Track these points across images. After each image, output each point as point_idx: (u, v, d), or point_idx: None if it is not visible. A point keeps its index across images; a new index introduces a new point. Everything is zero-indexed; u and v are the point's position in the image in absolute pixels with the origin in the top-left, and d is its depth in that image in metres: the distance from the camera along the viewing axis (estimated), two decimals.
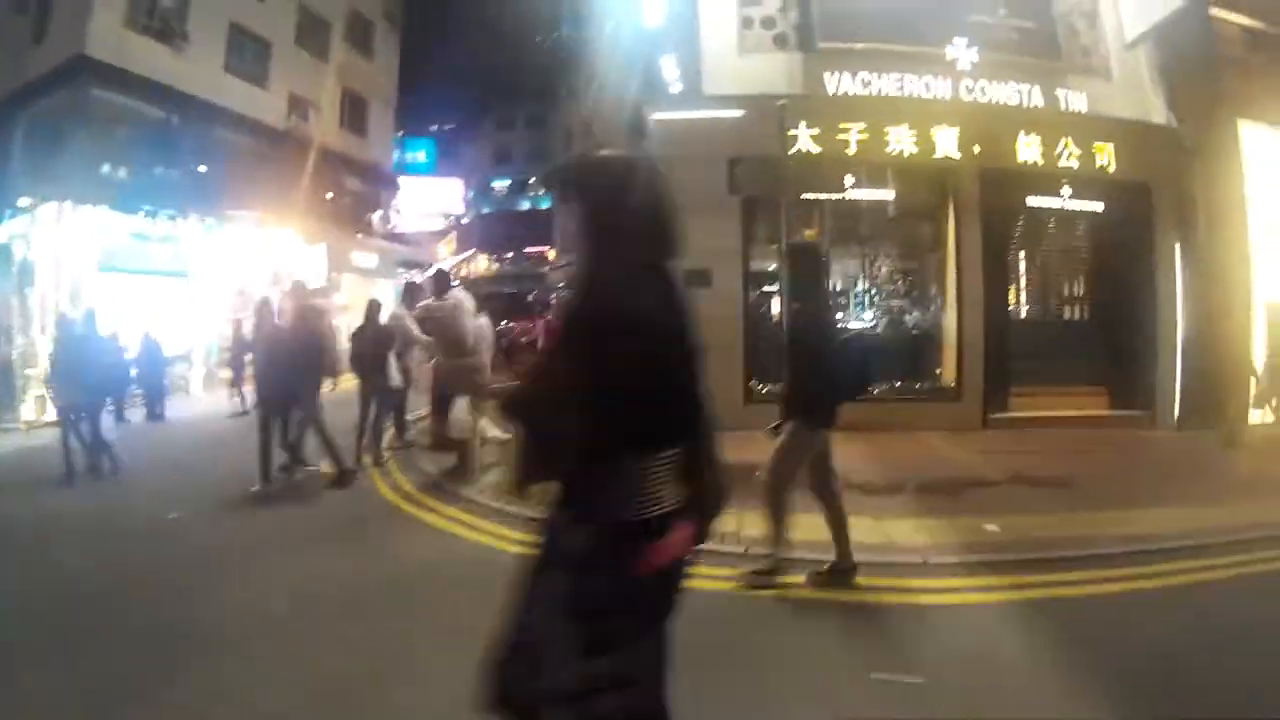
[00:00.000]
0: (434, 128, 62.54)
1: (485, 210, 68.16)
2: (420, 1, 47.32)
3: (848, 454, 9.52)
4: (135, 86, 22.81)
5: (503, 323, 18.83)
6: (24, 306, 18.09)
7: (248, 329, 14.17)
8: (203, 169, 25.03)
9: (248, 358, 14.54)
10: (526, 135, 67.02)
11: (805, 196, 12.16)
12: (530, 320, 17.70)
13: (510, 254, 57.72)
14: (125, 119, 23.03)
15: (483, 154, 69.17)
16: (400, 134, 50.32)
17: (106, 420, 10.19)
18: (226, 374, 19.16)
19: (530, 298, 20.63)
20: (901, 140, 12.39)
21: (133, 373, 16.67)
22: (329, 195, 32.19)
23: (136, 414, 16.29)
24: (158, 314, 20.04)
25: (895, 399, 12.47)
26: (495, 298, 22.29)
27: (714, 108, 12.09)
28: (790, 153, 10.56)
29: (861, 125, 12.24)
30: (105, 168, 21.88)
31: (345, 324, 12.87)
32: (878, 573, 5.92)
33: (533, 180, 65.19)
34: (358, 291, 27.46)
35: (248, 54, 27.87)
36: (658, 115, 12.34)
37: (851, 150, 12.00)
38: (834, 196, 12.73)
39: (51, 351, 10.86)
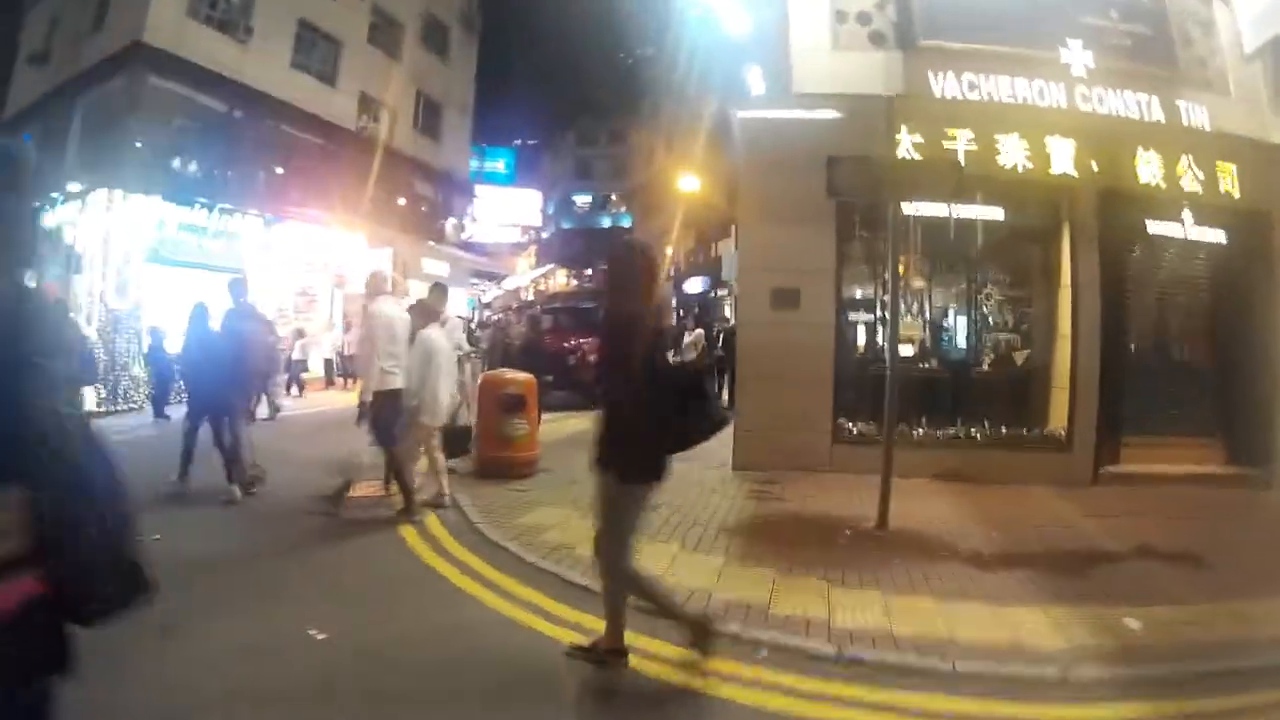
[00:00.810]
0: (517, 142, 62.39)
1: (566, 225, 68.36)
2: (502, 17, 47.48)
3: (948, 512, 8.37)
4: (195, 77, 22.35)
5: (572, 340, 17.70)
6: (68, 294, 17.59)
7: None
8: (266, 165, 24.80)
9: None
10: (609, 152, 66.92)
11: (906, 212, 10.89)
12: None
13: (590, 270, 57.28)
14: (183, 110, 22.58)
15: (564, 169, 69.37)
16: (480, 145, 50.61)
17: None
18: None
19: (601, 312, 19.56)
20: (1013, 152, 10.90)
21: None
22: (401, 201, 31.82)
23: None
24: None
25: (997, 446, 10.96)
26: (568, 313, 21.25)
27: (805, 108, 10.84)
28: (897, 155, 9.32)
29: (969, 133, 10.83)
30: (161, 158, 21.47)
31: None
32: (1016, 693, 4.48)
33: (614, 197, 65.44)
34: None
35: (317, 51, 27.48)
36: (744, 114, 11.12)
37: (959, 160, 10.59)
38: (936, 213, 11.37)
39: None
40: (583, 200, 69.47)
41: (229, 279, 9.54)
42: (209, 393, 8.78)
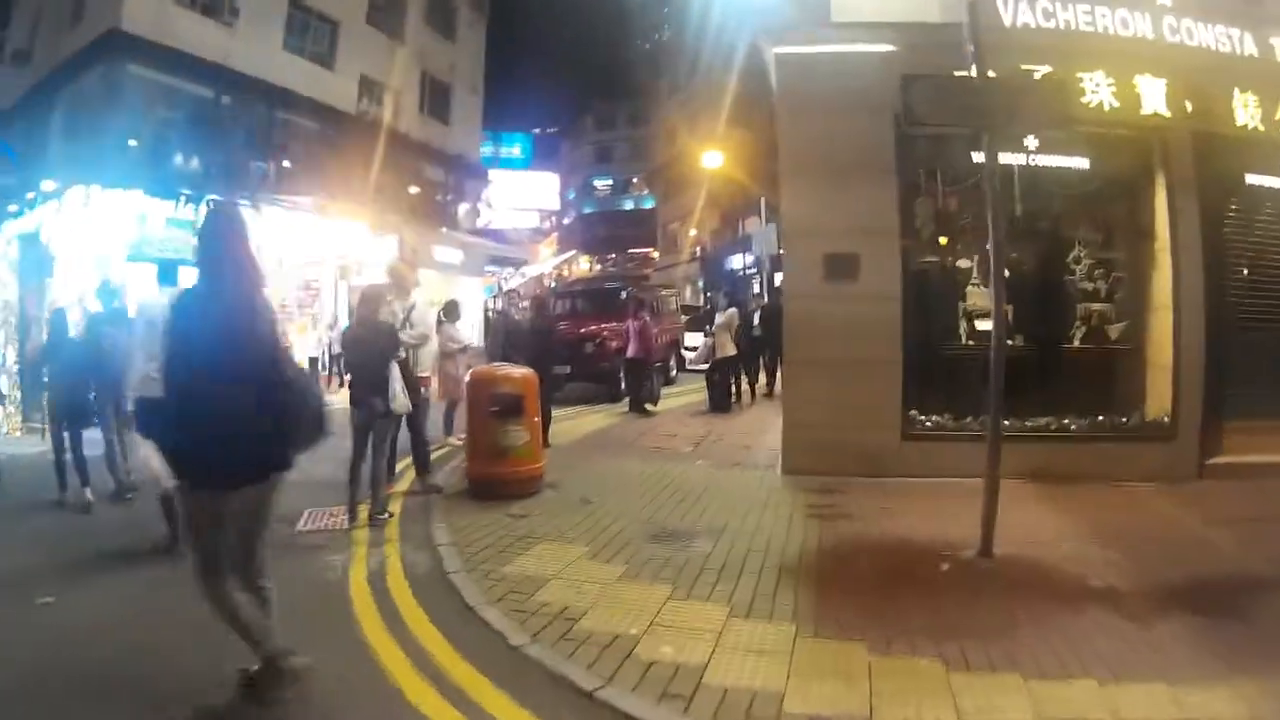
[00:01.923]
0: (536, 130, 62.32)
1: (587, 210, 67.62)
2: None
3: (1051, 525, 6.65)
4: (178, 64, 20.94)
5: (592, 325, 15.96)
6: (40, 299, 16.10)
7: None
8: (259, 153, 23.32)
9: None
10: (628, 134, 65.56)
11: (977, 159, 9.06)
12: (622, 320, 14.84)
13: (613, 255, 56.08)
14: (167, 99, 21.23)
15: (583, 154, 68.84)
16: (495, 131, 49.59)
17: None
18: None
19: (624, 295, 17.63)
20: (1098, 89, 8.98)
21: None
22: (413, 189, 30.53)
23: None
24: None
25: (1090, 437, 9.03)
26: (587, 296, 19.56)
27: (849, 41, 8.96)
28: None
29: (1047, 68, 8.86)
30: (143, 150, 20.15)
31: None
32: None
33: (635, 180, 64.32)
34: (439, 290, 25.87)
35: (311, 33, 25.92)
36: (780, 50, 9.22)
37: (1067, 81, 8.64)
38: (1013, 162, 9.46)
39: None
40: (603, 184, 69.03)
41: (99, 281, 9.29)
42: (66, 401, 8.17)
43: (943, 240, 9.33)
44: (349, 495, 6.91)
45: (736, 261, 40.41)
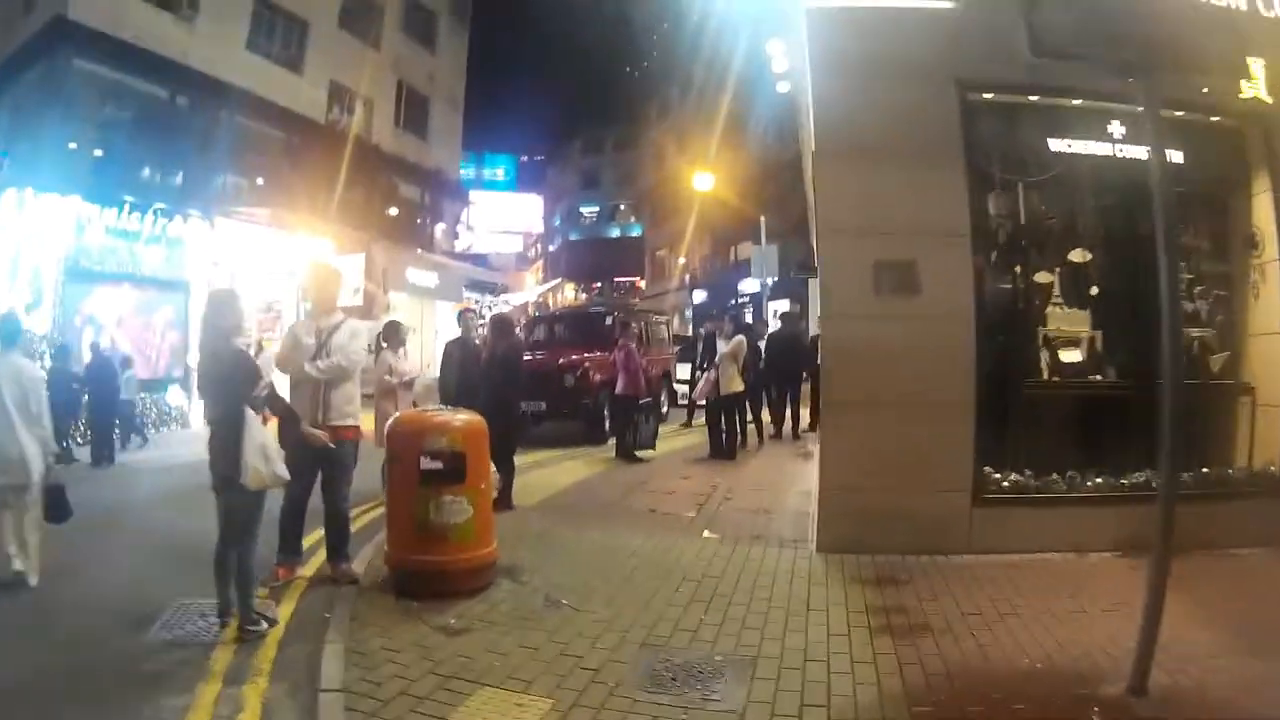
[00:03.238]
0: (523, 158, 62.04)
1: (573, 237, 66.38)
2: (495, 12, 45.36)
3: (1176, 617, 4.10)
4: (131, 59, 19.17)
5: (572, 354, 13.92)
6: None
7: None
8: (217, 160, 21.44)
9: None
10: (615, 159, 64.26)
11: (1056, 148, 7.11)
12: (608, 350, 12.78)
13: (599, 283, 54.91)
14: (116, 97, 19.40)
15: (570, 180, 67.54)
16: (478, 152, 48.57)
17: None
18: None
19: (609, 320, 15.61)
20: None
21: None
22: (392, 211, 29.07)
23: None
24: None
25: (1195, 495, 6.94)
26: (568, 321, 17.58)
27: None
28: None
29: None
30: (86, 152, 18.53)
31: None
32: None
33: (622, 206, 63.36)
34: (413, 314, 24.14)
35: (278, 33, 24.15)
36: (814, 3, 7.19)
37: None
38: (1097, 153, 7.50)
39: None
40: (589, 211, 67.57)
41: None
42: None
43: (1023, 244, 7.38)
44: (217, 591, 4.82)
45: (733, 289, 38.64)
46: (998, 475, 6.71)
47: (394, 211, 29.52)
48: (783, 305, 24.30)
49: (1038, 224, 7.42)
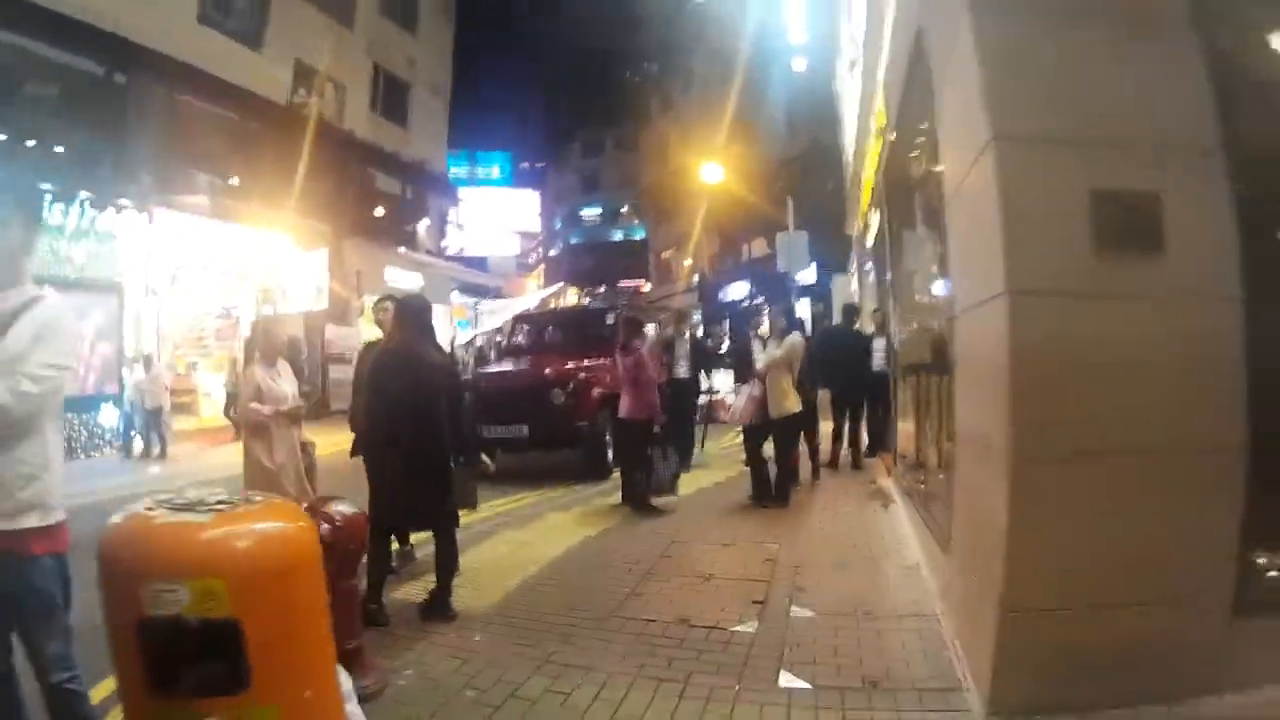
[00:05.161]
0: (525, 165, 61.45)
1: (574, 240, 66.23)
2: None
3: None
4: (59, 29, 16.56)
5: (562, 363, 11.04)
6: None
7: None
8: (160, 144, 18.60)
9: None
10: (616, 159, 63.52)
11: None
12: (609, 356, 9.80)
13: (602, 288, 53.55)
14: (40, 72, 16.75)
15: (570, 183, 66.90)
16: (472, 150, 47.07)
17: None
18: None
19: (610, 319, 12.59)
20: None
21: None
22: (368, 203, 26.61)
23: None
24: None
25: None
26: (558, 324, 14.77)
27: None
28: None
29: None
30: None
31: None
32: None
33: (624, 209, 62.75)
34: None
35: (236, 5, 21.56)
36: None
37: None
38: None
39: None
40: (591, 213, 66.75)
41: None
42: None
43: None
44: None
45: (736, 291, 37.70)
46: (1276, 567, 3.84)
47: (379, 212, 27.30)
48: (800, 306, 21.71)
49: None
